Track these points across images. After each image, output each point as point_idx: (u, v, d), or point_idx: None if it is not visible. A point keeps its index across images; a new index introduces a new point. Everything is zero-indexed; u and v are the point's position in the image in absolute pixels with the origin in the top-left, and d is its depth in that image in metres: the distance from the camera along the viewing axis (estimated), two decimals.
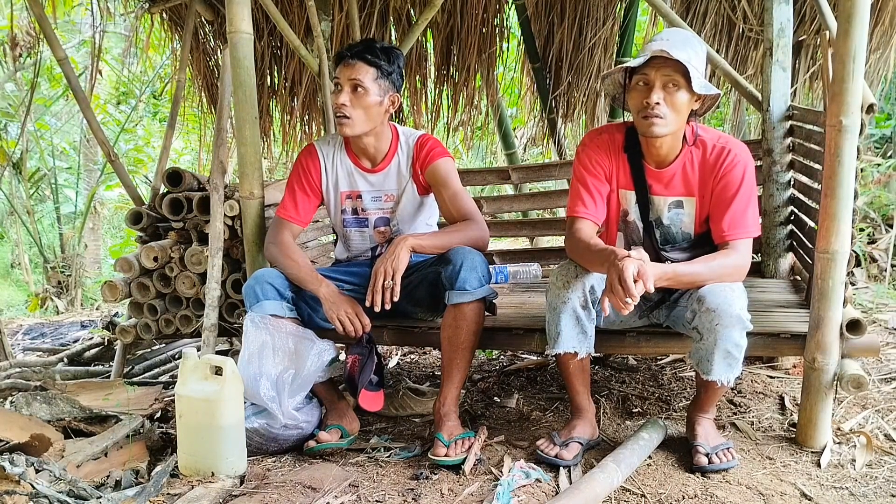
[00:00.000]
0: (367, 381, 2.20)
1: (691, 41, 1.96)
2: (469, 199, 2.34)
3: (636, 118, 1.99)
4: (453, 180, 2.33)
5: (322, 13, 3.38)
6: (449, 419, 2.15)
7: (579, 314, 2.01)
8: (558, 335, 2.02)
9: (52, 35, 3.13)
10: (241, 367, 2.10)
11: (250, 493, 1.93)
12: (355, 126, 2.25)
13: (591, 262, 1.96)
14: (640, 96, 1.94)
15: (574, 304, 1.99)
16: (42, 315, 6.40)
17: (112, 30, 6.73)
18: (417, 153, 2.35)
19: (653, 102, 1.91)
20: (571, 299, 1.99)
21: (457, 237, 2.24)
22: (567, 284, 2.00)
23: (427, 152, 2.34)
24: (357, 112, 2.23)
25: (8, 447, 2.00)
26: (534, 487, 1.92)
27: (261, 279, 2.23)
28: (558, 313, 2.01)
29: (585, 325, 2.03)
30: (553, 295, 2.02)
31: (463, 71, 4.52)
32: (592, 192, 2.10)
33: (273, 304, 2.20)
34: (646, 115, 1.93)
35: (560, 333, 2.02)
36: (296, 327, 2.23)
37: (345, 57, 2.25)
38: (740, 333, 1.89)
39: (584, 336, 2.04)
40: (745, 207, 1.99)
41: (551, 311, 2.03)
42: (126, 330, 2.97)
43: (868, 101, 2.02)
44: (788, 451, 2.10)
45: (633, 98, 1.97)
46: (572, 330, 2.02)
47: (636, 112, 1.97)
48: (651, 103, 1.91)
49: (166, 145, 3.39)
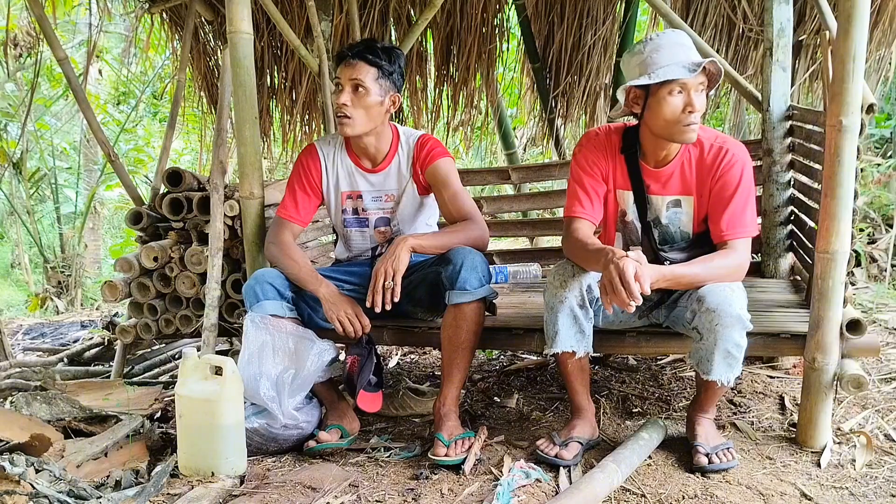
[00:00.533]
0: (366, 381, 2.21)
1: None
2: (469, 199, 2.34)
3: (671, 127, 1.94)
4: (453, 180, 2.33)
5: (322, 13, 3.38)
6: (449, 419, 2.15)
7: (577, 313, 2.01)
8: (556, 335, 2.02)
9: (52, 35, 3.13)
10: (241, 367, 2.10)
11: (250, 493, 1.93)
12: (356, 126, 2.25)
13: (588, 261, 1.96)
14: (680, 104, 1.92)
15: (571, 303, 1.99)
16: (42, 315, 6.40)
17: (112, 30, 6.74)
18: (418, 153, 2.35)
19: (697, 108, 1.91)
20: (568, 298, 1.99)
21: (457, 237, 2.23)
22: (564, 284, 2.00)
23: (427, 152, 2.34)
24: (358, 112, 2.23)
25: (8, 447, 2.00)
26: (534, 487, 1.92)
27: (261, 279, 2.23)
28: (556, 313, 2.01)
29: (583, 324, 2.03)
30: (550, 294, 2.02)
31: (463, 71, 4.52)
32: (589, 192, 2.10)
33: (273, 304, 2.20)
34: (689, 123, 1.93)
35: (558, 333, 2.02)
36: (296, 327, 2.23)
37: (346, 57, 2.25)
38: (740, 333, 1.89)
39: (582, 335, 2.04)
40: (744, 207, 2.00)
41: (549, 311, 2.03)
42: (126, 330, 2.97)
43: (868, 102, 2.02)
44: (788, 451, 2.10)
45: (668, 106, 1.92)
46: (570, 329, 2.02)
47: (673, 121, 1.93)
48: (696, 109, 1.91)
49: (166, 145, 3.39)
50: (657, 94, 1.93)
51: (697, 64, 1.90)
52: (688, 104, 1.92)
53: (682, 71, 1.89)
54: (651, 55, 1.92)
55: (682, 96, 1.92)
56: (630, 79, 1.97)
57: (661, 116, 1.94)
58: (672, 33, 1.99)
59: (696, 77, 1.90)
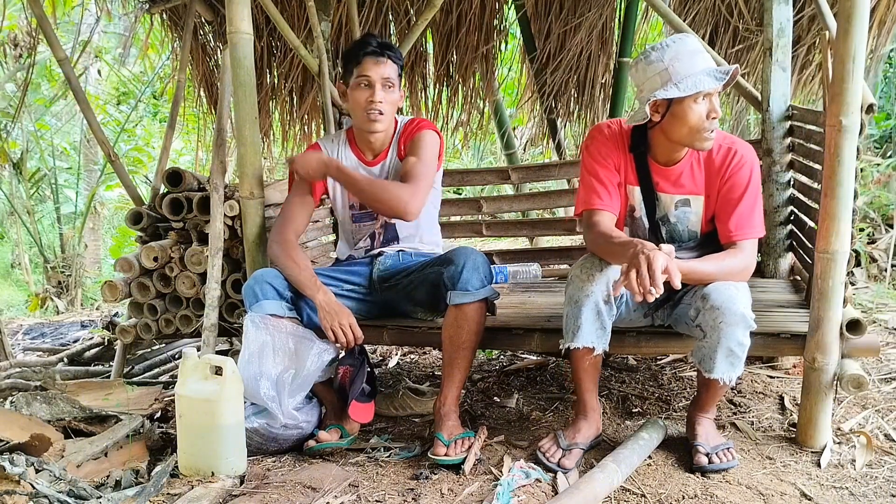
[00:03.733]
0: (358, 391, 2.21)
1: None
2: (427, 172, 2.27)
3: (693, 135, 1.94)
4: (426, 153, 2.29)
5: (322, 13, 3.37)
6: (449, 419, 2.15)
7: (601, 308, 1.97)
8: (578, 329, 1.97)
9: (52, 35, 3.13)
10: (242, 366, 2.10)
11: (250, 493, 1.93)
12: (386, 121, 2.30)
13: (615, 254, 1.92)
14: (704, 111, 1.92)
15: (597, 297, 1.96)
16: (42, 315, 6.40)
17: (112, 30, 6.74)
18: (405, 129, 2.38)
19: (720, 114, 1.92)
20: (595, 293, 1.95)
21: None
22: (591, 277, 1.95)
23: (415, 125, 2.37)
24: (388, 108, 2.29)
25: (8, 447, 2.01)
26: (533, 487, 1.92)
27: (260, 279, 2.23)
28: (580, 306, 1.97)
29: (605, 320, 2.00)
30: (575, 287, 1.98)
31: (462, 70, 4.52)
32: (606, 183, 2.08)
33: (272, 304, 2.20)
34: (711, 129, 1.93)
35: (581, 327, 1.97)
36: (296, 327, 2.23)
37: (372, 53, 2.24)
38: (744, 332, 1.89)
39: (603, 332, 2.01)
40: (752, 208, 2.00)
41: (572, 305, 1.99)
42: (126, 330, 2.97)
43: (868, 102, 2.02)
44: (788, 451, 2.10)
45: (695, 114, 1.92)
46: (593, 324, 1.98)
47: (697, 129, 1.93)
48: (719, 115, 1.92)
49: (166, 145, 3.39)
50: (682, 104, 1.92)
51: (724, 72, 1.90)
52: (711, 110, 1.92)
53: (712, 81, 1.89)
54: (672, 64, 1.90)
55: (706, 103, 1.92)
56: (649, 88, 1.94)
57: (686, 125, 1.93)
58: (685, 39, 1.96)
59: (720, 84, 1.91)
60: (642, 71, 1.97)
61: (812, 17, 3.54)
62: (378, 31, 4.15)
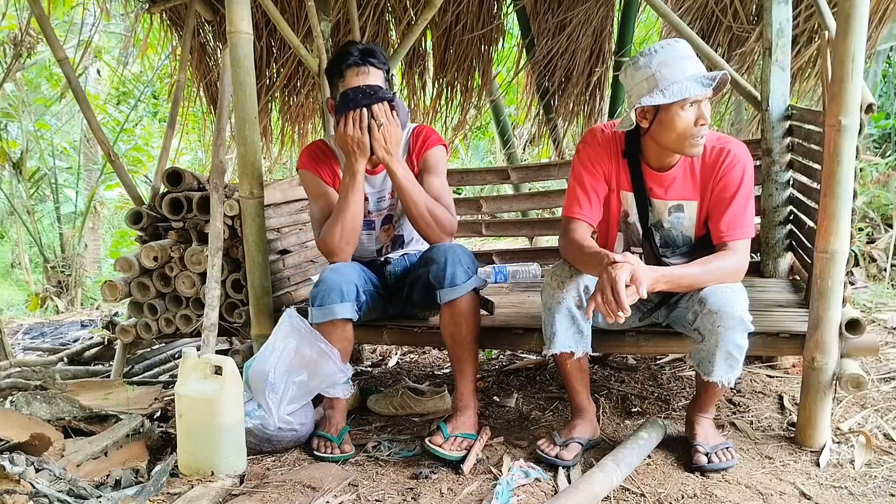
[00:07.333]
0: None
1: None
2: (449, 190, 2.36)
3: (682, 141, 1.92)
4: (442, 170, 2.37)
5: (322, 13, 3.38)
6: (463, 413, 2.17)
7: (574, 314, 2.00)
8: (554, 335, 2.01)
9: (52, 35, 3.13)
10: (258, 358, 2.10)
11: (250, 493, 1.93)
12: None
13: (584, 264, 1.96)
14: (692, 118, 1.90)
15: (569, 303, 1.99)
16: (42, 315, 6.40)
17: (111, 30, 6.74)
18: (414, 143, 2.37)
19: (708, 120, 1.91)
20: (566, 299, 1.98)
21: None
22: (562, 284, 1.99)
23: (424, 139, 2.37)
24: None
25: (8, 446, 2.01)
26: (533, 487, 1.92)
27: (347, 277, 2.19)
28: (553, 313, 2.00)
29: (581, 324, 2.02)
30: (548, 295, 2.02)
31: (462, 70, 4.52)
32: (589, 192, 2.09)
33: (348, 307, 2.17)
34: (700, 136, 1.92)
35: (556, 334, 2.01)
36: (327, 344, 2.18)
37: (354, 64, 2.19)
38: (742, 335, 1.89)
39: (581, 336, 2.04)
40: (744, 208, 1.99)
41: (546, 312, 2.03)
42: (126, 329, 2.97)
43: (867, 101, 2.02)
44: (787, 451, 2.10)
45: (682, 121, 1.90)
46: (568, 330, 2.01)
47: (685, 135, 1.91)
48: (708, 122, 1.91)
49: (166, 145, 3.39)
50: (669, 111, 1.90)
51: (711, 78, 1.88)
52: (699, 117, 1.90)
53: (698, 87, 1.87)
54: (660, 70, 1.88)
55: (694, 109, 1.90)
56: (637, 94, 1.93)
57: (674, 131, 1.92)
58: (675, 45, 1.93)
59: (708, 90, 1.89)
60: (631, 76, 1.95)
61: (809, 16, 3.54)
62: (377, 31, 4.15)
